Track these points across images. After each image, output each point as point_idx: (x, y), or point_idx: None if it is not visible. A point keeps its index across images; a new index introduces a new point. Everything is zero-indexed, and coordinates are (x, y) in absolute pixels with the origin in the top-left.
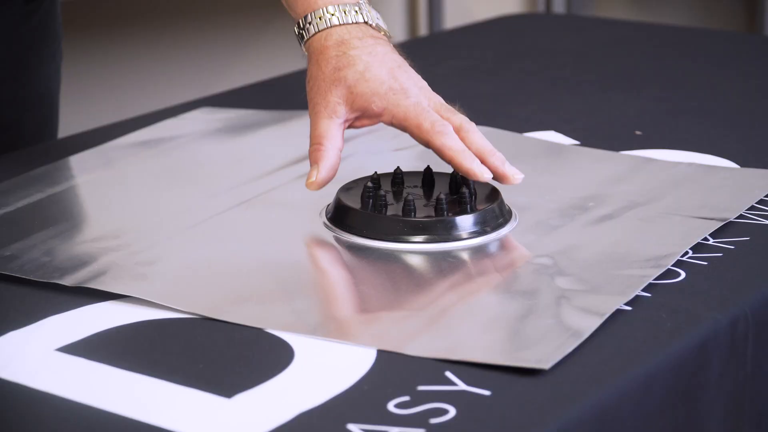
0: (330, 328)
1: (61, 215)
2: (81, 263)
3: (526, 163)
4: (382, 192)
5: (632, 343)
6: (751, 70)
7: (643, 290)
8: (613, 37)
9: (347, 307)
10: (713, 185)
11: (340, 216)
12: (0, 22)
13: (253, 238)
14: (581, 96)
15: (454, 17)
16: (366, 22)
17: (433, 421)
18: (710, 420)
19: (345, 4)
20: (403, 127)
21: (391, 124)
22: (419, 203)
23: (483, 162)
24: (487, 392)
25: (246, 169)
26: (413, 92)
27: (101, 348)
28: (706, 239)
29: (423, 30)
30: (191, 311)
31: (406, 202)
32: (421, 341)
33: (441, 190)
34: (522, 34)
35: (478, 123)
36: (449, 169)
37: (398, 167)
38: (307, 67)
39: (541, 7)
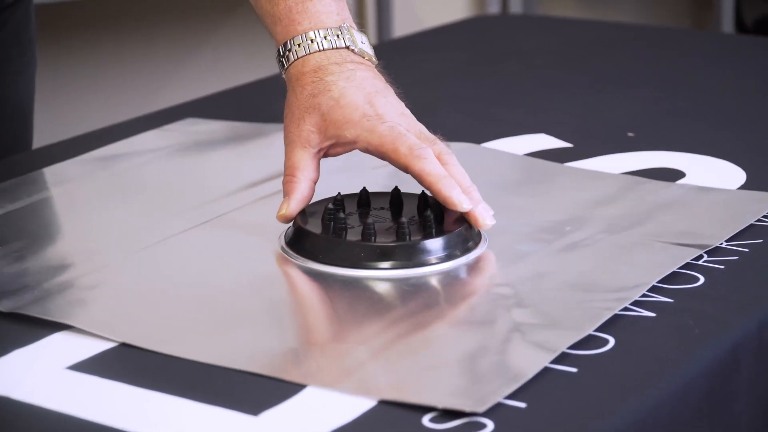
0: (261, 362)
1: (12, 235)
2: (23, 287)
3: (510, 183)
4: (342, 215)
5: (663, 351)
6: (740, 70)
7: (664, 295)
8: (589, 37)
9: (283, 340)
10: (703, 209)
11: (298, 240)
12: None
13: (204, 263)
14: (569, 98)
15: (403, 25)
16: (347, 47)
17: None
18: (741, 426)
19: (326, 29)
20: (380, 154)
21: (368, 151)
22: (382, 227)
23: None
24: (522, 404)
25: (211, 188)
26: (390, 117)
27: (114, 365)
28: (720, 243)
29: (372, 39)
30: (124, 341)
31: (366, 226)
32: (354, 379)
33: (409, 213)
34: (493, 35)
35: (467, 127)
36: (418, 189)
37: (364, 188)
38: (287, 95)
39: (492, 9)
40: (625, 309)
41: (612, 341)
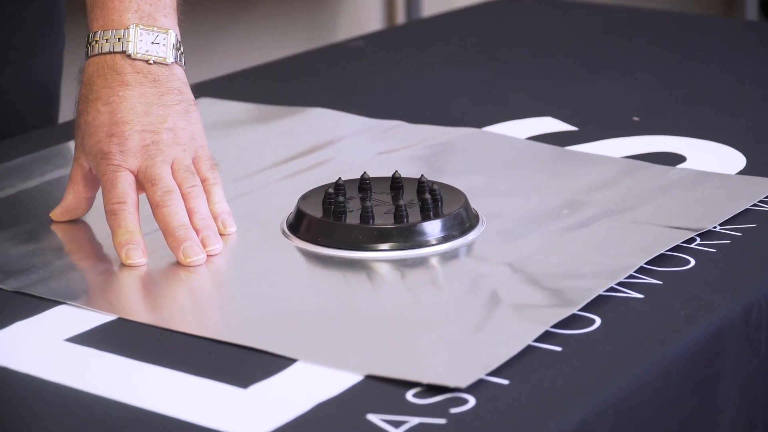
0: (252, 336)
1: (22, 215)
2: (29, 267)
3: (511, 167)
4: (341, 199)
5: (648, 332)
6: (743, 56)
7: (654, 277)
8: (601, 22)
9: (275, 316)
10: (699, 193)
11: (297, 224)
12: None
13: None
14: (576, 82)
15: (431, 5)
16: (124, 52)
17: (453, 410)
18: (725, 407)
19: (112, 30)
20: None
21: None
22: (381, 210)
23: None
24: (505, 381)
25: (229, 170)
26: (123, 155)
27: (110, 338)
28: (714, 227)
29: (400, 18)
30: (121, 315)
31: (365, 210)
32: (342, 354)
33: (409, 196)
34: (508, 19)
35: (474, 110)
36: (417, 174)
37: (365, 173)
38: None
39: None
40: (614, 290)
41: (598, 321)
